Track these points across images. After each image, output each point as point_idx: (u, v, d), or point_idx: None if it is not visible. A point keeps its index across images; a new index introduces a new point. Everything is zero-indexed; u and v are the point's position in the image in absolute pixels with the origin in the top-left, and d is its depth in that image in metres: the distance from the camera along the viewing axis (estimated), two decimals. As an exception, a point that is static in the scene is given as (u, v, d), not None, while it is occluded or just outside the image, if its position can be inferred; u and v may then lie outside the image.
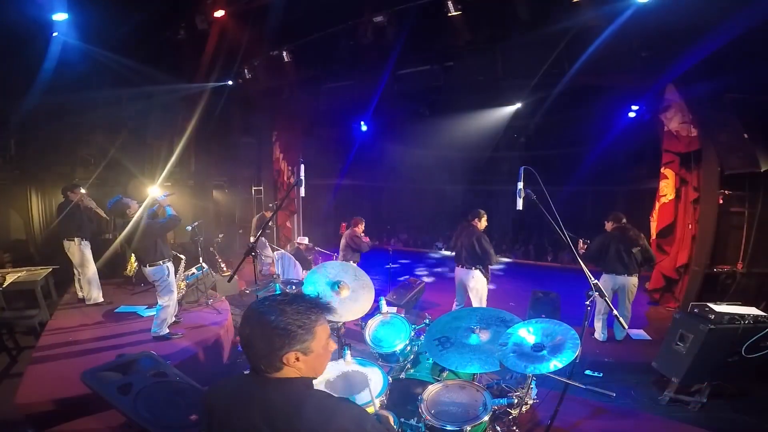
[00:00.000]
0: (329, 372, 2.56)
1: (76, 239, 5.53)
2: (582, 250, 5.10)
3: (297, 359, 1.24)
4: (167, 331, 4.65)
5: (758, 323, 3.45)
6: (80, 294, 5.77)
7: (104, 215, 5.91)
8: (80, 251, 5.57)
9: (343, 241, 6.55)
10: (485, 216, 5.36)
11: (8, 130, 6.25)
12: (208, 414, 1.33)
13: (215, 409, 1.31)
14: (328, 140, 11.51)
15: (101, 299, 5.69)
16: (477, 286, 5.24)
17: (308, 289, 3.05)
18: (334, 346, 1.38)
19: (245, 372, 1.34)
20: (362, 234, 6.59)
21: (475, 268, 5.19)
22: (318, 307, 1.30)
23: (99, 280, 5.76)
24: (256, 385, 1.26)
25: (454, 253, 5.44)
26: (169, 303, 4.60)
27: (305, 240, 7.99)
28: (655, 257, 5.36)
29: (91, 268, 5.67)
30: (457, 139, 10.32)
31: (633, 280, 4.97)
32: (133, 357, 3.12)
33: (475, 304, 5.29)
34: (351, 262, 6.30)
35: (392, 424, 1.71)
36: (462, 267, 5.27)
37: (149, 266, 4.48)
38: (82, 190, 5.66)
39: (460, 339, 2.65)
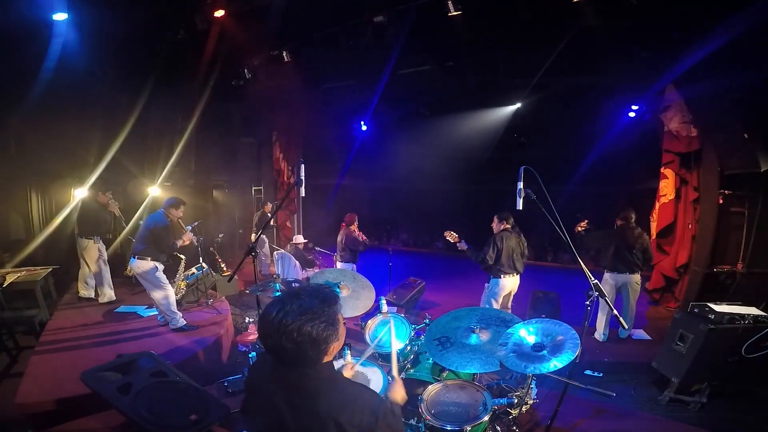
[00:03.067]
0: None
1: (94, 238, 5.64)
2: (581, 228, 5.00)
3: (333, 348, 1.36)
4: (184, 322, 4.77)
5: (758, 323, 3.45)
6: (84, 293, 5.78)
7: (124, 223, 6.04)
8: (97, 250, 5.68)
9: (339, 243, 6.37)
10: None
11: (8, 130, 6.25)
12: (249, 392, 1.55)
13: (255, 390, 1.48)
14: (328, 140, 11.51)
15: (114, 297, 5.82)
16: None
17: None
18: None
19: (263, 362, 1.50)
20: (358, 231, 6.34)
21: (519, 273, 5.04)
22: (329, 299, 1.36)
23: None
24: (284, 373, 1.35)
25: (503, 264, 4.84)
26: (162, 297, 4.64)
27: (300, 238, 7.95)
28: (653, 257, 5.36)
29: (104, 267, 5.79)
30: (457, 139, 10.32)
31: (635, 278, 5.00)
32: (133, 357, 3.12)
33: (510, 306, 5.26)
34: (351, 264, 6.27)
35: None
36: (515, 274, 4.96)
37: (138, 259, 4.57)
38: (110, 195, 5.76)
39: (460, 339, 2.65)
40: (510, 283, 4.97)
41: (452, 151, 11.35)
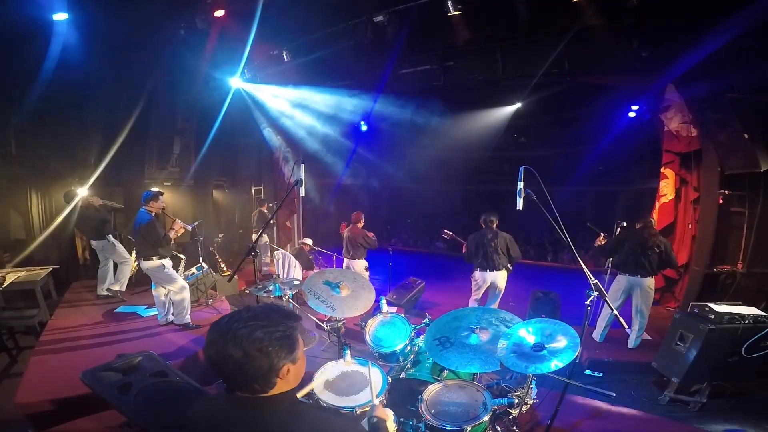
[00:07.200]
0: (329, 372, 2.56)
1: (106, 238, 5.78)
2: (600, 243, 5.13)
3: (288, 370, 1.19)
4: (189, 320, 4.81)
5: (758, 323, 3.45)
6: (116, 287, 5.91)
7: (118, 205, 6.10)
8: (114, 245, 5.82)
9: (349, 240, 6.32)
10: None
11: (8, 130, 6.25)
12: None
13: None
14: (327, 140, 11.51)
15: (123, 289, 5.97)
16: (504, 285, 5.41)
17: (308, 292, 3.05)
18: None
19: (218, 394, 1.29)
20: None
21: (505, 268, 5.36)
22: (290, 315, 1.26)
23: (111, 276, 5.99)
24: (238, 409, 1.19)
25: (477, 259, 5.33)
26: (177, 290, 4.75)
27: (309, 241, 7.97)
28: (674, 262, 5.00)
29: (127, 259, 5.95)
30: (457, 139, 10.32)
31: (648, 282, 4.77)
32: (133, 357, 3.11)
33: (497, 302, 5.45)
34: (363, 260, 6.32)
35: (391, 422, 1.70)
36: (492, 270, 5.28)
37: (144, 260, 4.65)
38: (80, 192, 5.78)
39: (460, 339, 2.65)
40: (488, 276, 5.30)
41: (452, 151, 11.35)
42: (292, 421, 1.17)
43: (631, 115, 7.75)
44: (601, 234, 5.19)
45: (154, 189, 5.03)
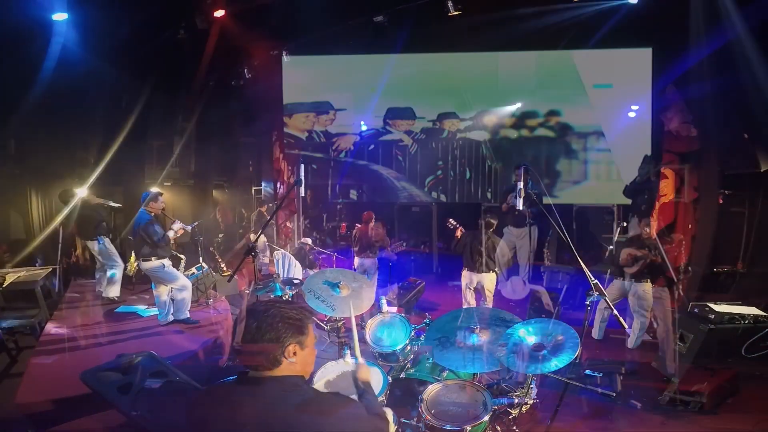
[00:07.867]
0: (329, 372, 2.56)
1: (97, 238, 5.71)
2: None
3: (295, 352, 1.28)
4: (188, 315, 4.84)
5: (758, 323, 3.46)
6: (111, 294, 5.83)
7: (115, 204, 6.08)
8: (105, 248, 5.75)
9: (365, 239, 6.33)
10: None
11: (8, 130, 6.25)
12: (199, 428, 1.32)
13: (207, 422, 1.29)
14: (327, 140, 11.49)
15: (118, 294, 5.86)
16: (493, 287, 5.41)
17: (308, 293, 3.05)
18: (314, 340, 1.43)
19: (227, 380, 1.40)
20: None
21: (493, 271, 5.33)
22: (306, 307, 1.43)
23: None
24: (246, 386, 1.28)
25: (465, 257, 5.38)
26: (180, 288, 4.76)
27: (308, 241, 7.97)
28: (669, 265, 4.80)
29: (118, 263, 5.85)
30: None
31: (642, 287, 4.66)
32: (133, 357, 3.11)
33: (489, 305, 5.40)
34: (375, 258, 6.38)
35: (391, 423, 1.71)
36: (478, 272, 5.29)
37: (143, 261, 4.66)
38: (79, 192, 5.77)
39: (461, 339, 2.65)
40: (474, 277, 5.32)
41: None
42: (287, 397, 1.23)
43: (631, 115, 7.74)
44: (607, 250, 5.29)
45: (154, 189, 5.02)
